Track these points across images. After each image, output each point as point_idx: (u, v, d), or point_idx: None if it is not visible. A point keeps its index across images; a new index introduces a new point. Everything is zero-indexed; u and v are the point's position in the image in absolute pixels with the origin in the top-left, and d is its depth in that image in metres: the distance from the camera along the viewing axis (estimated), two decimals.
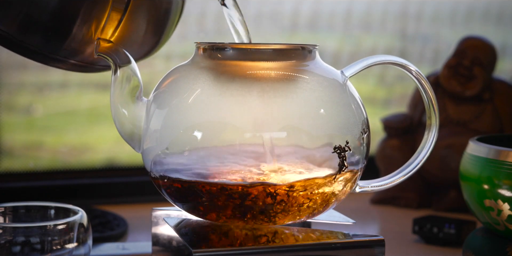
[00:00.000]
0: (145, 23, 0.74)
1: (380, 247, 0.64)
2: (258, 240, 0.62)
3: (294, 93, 0.62)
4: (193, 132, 0.62)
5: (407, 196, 1.06)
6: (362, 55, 1.22)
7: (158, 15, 0.75)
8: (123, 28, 0.71)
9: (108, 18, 0.70)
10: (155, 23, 0.75)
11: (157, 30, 0.76)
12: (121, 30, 0.71)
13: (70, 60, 0.73)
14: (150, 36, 0.76)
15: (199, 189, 0.61)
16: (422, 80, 0.68)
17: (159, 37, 0.77)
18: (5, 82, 1.08)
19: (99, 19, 0.70)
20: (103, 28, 0.70)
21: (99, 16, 0.70)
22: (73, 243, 0.69)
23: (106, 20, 0.70)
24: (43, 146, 1.14)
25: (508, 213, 0.71)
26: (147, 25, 0.74)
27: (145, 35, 0.75)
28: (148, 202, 1.04)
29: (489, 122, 1.04)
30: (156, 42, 0.77)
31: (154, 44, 0.78)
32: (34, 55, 0.72)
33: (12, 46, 0.71)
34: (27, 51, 0.71)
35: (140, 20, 0.73)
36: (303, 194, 0.62)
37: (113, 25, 0.71)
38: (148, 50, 0.78)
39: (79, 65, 0.74)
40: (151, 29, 0.75)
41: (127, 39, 0.72)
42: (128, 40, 0.73)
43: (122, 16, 0.71)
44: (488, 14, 1.36)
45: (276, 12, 1.24)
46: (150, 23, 0.75)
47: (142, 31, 0.74)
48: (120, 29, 0.71)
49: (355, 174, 0.65)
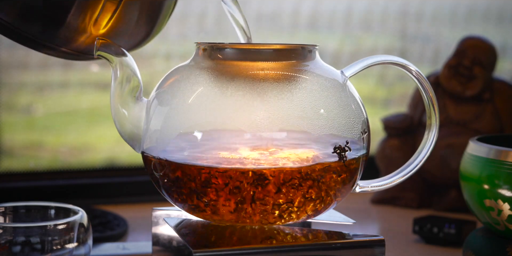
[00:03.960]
0: (138, 15, 0.74)
1: (380, 247, 0.64)
2: (258, 240, 0.62)
3: (294, 93, 0.62)
4: (193, 132, 0.62)
5: (407, 196, 1.06)
6: (362, 55, 1.22)
7: (151, 8, 0.76)
8: (117, 19, 0.72)
9: (103, 9, 0.70)
10: (148, 15, 0.76)
11: (149, 22, 0.77)
12: (115, 21, 0.72)
13: (62, 48, 0.73)
14: (141, 28, 0.77)
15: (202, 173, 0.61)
16: (422, 80, 0.68)
17: (151, 30, 0.78)
18: (5, 82, 1.08)
19: (94, 9, 0.70)
20: (97, 18, 0.71)
21: (93, 6, 0.70)
22: (73, 243, 0.69)
23: (101, 11, 0.70)
24: (43, 146, 1.14)
25: (508, 213, 0.71)
26: (139, 17, 0.75)
27: (137, 27, 0.76)
28: (148, 202, 1.04)
29: (489, 122, 1.04)
30: (147, 34, 0.78)
31: (145, 36, 0.78)
32: (27, 42, 0.72)
33: (6, 32, 0.71)
34: (20, 37, 0.72)
35: (133, 12, 0.74)
36: (302, 193, 0.62)
37: (107, 16, 0.71)
38: (138, 41, 0.78)
39: (70, 53, 0.75)
40: (143, 21, 0.76)
41: (119, 30, 0.73)
42: (121, 31, 0.73)
43: (116, 7, 0.71)
44: (488, 14, 1.36)
45: (276, 12, 1.24)
46: (143, 15, 0.75)
47: (134, 22, 0.75)
48: (114, 20, 0.72)
49: (355, 174, 0.65)
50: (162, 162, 0.63)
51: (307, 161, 0.61)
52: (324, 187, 0.62)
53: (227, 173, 0.60)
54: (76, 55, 0.77)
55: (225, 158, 0.61)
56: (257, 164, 0.60)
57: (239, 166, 0.60)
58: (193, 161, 0.61)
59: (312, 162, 0.61)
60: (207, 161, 0.61)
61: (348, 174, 0.64)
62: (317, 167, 0.61)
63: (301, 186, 0.61)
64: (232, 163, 0.60)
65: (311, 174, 0.61)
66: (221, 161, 0.61)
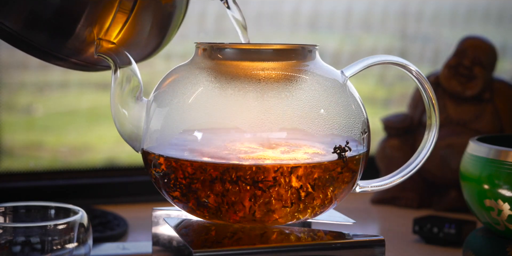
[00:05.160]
0: (149, 26, 0.74)
1: (380, 247, 0.64)
2: (258, 240, 0.62)
3: (294, 93, 0.62)
4: (193, 132, 0.62)
5: (407, 196, 1.06)
6: (362, 55, 1.22)
7: (161, 19, 0.75)
8: (127, 30, 0.71)
9: (113, 20, 0.70)
10: (158, 26, 0.75)
11: (159, 33, 0.76)
12: (125, 32, 0.71)
13: (72, 59, 0.73)
14: (152, 39, 0.76)
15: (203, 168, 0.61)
16: (422, 80, 0.68)
17: (161, 40, 0.77)
18: (5, 82, 1.08)
19: (104, 21, 0.70)
20: (107, 29, 0.70)
21: (104, 17, 0.70)
22: (73, 243, 0.69)
23: (111, 22, 0.70)
24: (43, 146, 1.14)
25: (508, 213, 0.71)
26: (150, 28, 0.74)
27: (148, 38, 0.75)
28: (148, 202, 1.04)
29: (489, 122, 1.04)
30: (158, 44, 0.78)
31: (156, 47, 0.78)
32: (36, 52, 0.72)
33: (15, 42, 0.71)
34: (29, 47, 0.71)
35: (144, 23, 0.73)
36: (302, 193, 0.62)
37: (117, 27, 0.71)
38: (149, 52, 0.78)
39: (80, 64, 0.74)
40: (154, 32, 0.75)
41: (130, 41, 0.72)
42: (131, 42, 0.73)
43: (127, 18, 0.71)
44: (488, 14, 1.36)
45: (276, 12, 1.24)
46: (153, 26, 0.75)
47: (145, 34, 0.74)
48: (125, 31, 0.71)
49: (355, 174, 0.65)
50: (162, 161, 0.63)
51: (307, 161, 0.61)
52: (324, 187, 0.62)
53: (227, 173, 0.60)
54: (87, 67, 0.76)
55: (225, 157, 0.61)
56: (257, 164, 0.60)
57: (238, 166, 0.60)
58: (193, 161, 0.61)
59: (312, 162, 0.61)
60: (207, 161, 0.61)
61: (348, 174, 0.64)
62: (317, 167, 0.61)
63: (301, 186, 0.61)
64: (232, 163, 0.60)
65: (311, 174, 0.61)
66: (221, 161, 0.61)
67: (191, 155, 0.61)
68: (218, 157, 0.61)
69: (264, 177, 0.60)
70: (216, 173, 0.60)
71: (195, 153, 0.61)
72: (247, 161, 0.60)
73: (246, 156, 0.61)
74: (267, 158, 0.61)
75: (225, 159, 0.61)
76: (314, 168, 0.61)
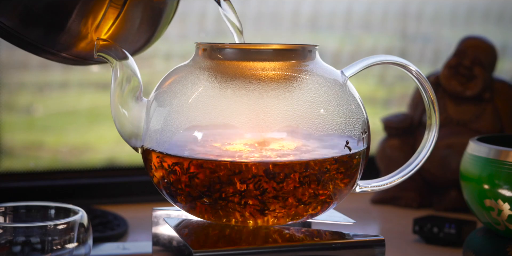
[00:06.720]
0: (139, 21, 0.74)
1: (380, 247, 0.64)
2: (259, 240, 0.62)
3: (294, 93, 0.62)
4: (193, 132, 0.62)
5: (407, 196, 1.06)
6: (362, 55, 1.22)
7: (152, 15, 0.76)
8: (119, 25, 0.72)
9: (105, 15, 0.70)
10: (149, 23, 0.76)
11: (149, 29, 0.77)
12: (116, 27, 0.72)
13: (62, 53, 0.73)
14: (141, 35, 0.77)
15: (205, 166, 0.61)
16: (423, 80, 0.68)
17: (150, 37, 0.78)
18: (5, 82, 1.08)
19: (96, 15, 0.70)
20: (98, 24, 0.70)
21: (95, 12, 0.70)
22: (73, 243, 0.69)
23: (103, 17, 0.70)
24: (44, 146, 1.14)
25: (508, 213, 0.71)
26: (140, 24, 0.75)
27: (137, 34, 0.76)
28: (148, 202, 1.04)
29: (489, 122, 1.04)
30: (147, 41, 0.78)
31: (144, 43, 0.78)
32: (27, 46, 0.72)
33: (7, 36, 0.71)
34: (21, 41, 0.71)
35: (135, 18, 0.74)
36: (302, 191, 0.62)
37: (109, 22, 0.71)
38: (138, 48, 0.78)
39: (70, 58, 0.75)
40: (143, 28, 0.76)
41: (120, 36, 0.73)
42: (121, 38, 0.73)
43: (118, 13, 0.71)
44: (488, 14, 1.36)
45: (276, 12, 1.24)
46: (143, 23, 0.75)
47: (136, 28, 0.75)
48: (116, 26, 0.72)
49: (355, 174, 0.65)
50: (162, 161, 0.63)
51: (307, 161, 0.61)
52: (324, 187, 0.62)
53: (227, 172, 0.60)
54: (77, 61, 0.76)
55: (225, 157, 0.61)
56: (257, 164, 0.60)
57: (239, 166, 0.60)
58: (193, 161, 0.61)
59: (312, 162, 0.61)
60: (207, 160, 0.61)
61: (348, 174, 0.64)
62: (316, 167, 0.61)
63: (301, 186, 0.61)
64: (232, 162, 0.60)
65: (311, 174, 0.61)
66: (221, 160, 0.61)
67: (191, 155, 0.61)
68: (218, 157, 0.61)
69: (264, 176, 0.60)
70: (216, 173, 0.60)
71: (195, 152, 0.61)
72: (247, 160, 0.60)
73: (246, 156, 0.61)
74: (267, 157, 0.61)
75: (225, 158, 0.61)
76: (314, 168, 0.61)
